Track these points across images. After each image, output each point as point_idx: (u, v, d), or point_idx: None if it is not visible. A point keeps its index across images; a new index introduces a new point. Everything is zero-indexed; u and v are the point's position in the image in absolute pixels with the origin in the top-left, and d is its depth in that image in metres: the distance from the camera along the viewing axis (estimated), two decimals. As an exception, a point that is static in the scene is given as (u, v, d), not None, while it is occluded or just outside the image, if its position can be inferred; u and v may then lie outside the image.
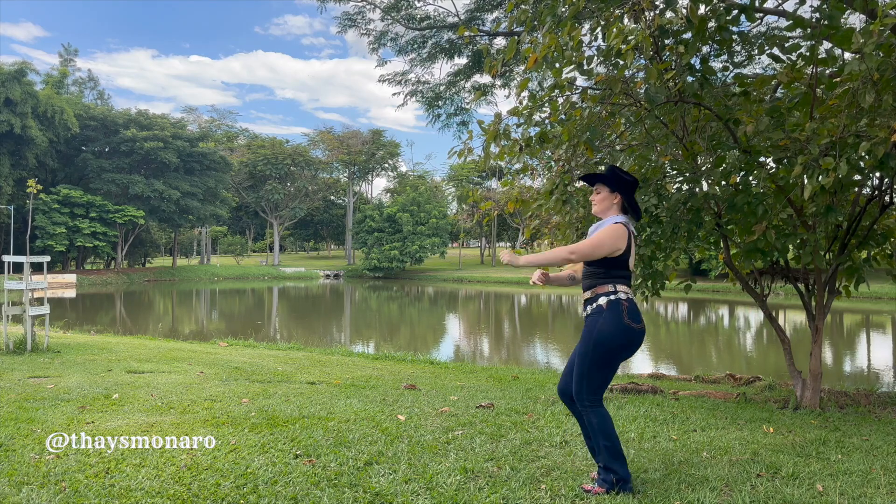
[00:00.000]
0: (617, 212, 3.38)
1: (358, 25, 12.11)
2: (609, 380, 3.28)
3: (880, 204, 5.53)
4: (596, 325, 3.20)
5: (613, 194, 3.38)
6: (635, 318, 3.19)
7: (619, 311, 3.17)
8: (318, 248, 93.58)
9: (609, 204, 3.38)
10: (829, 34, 4.42)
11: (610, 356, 3.20)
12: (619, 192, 3.37)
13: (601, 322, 3.19)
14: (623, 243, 3.22)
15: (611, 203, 3.38)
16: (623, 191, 3.36)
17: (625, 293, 3.23)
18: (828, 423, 5.06)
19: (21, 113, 40.01)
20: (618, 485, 3.19)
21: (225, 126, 68.96)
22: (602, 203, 3.40)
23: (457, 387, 6.92)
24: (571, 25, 4.48)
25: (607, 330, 3.16)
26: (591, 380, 3.21)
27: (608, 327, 3.17)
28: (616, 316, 3.17)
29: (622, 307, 3.18)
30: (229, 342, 12.64)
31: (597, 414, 3.22)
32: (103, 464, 3.51)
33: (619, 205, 3.38)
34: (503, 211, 6.78)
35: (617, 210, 3.38)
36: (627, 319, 3.16)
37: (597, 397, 3.24)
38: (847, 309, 26.56)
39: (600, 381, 3.23)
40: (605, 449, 3.21)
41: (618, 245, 3.21)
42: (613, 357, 3.22)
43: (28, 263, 8.48)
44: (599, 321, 3.19)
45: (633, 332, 3.18)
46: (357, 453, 3.78)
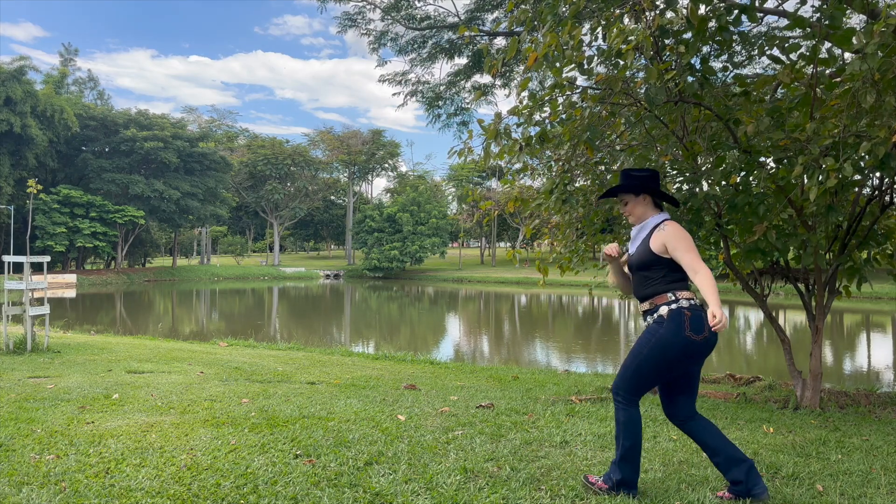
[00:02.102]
0: (654, 211, 3.29)
1: (358, 25, 12.11)
2: (653, 384, 3.17)
3: (881, 204, 5.53)
4: (655, 335, 3.06)
5: (640, 197, 3.29)
6: (698, 328, 2.99)
7: (681, 322, 3.01)
8: (318, 248, 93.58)
9: (643, 208, 3.29)
10: (829, 34, 4.42)
11: (662, 365, 3.07)
12: (644, 192, 3.28)
13: (661, 332, 3.04)
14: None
15: (644, 207, 3.29)
16: (647, 189, 3.26)
17: (686, 300, 3.07)
18: (828, 423, 5.06)
19: (21, 112, 40.00)
20: (619, 486, 3.16)
21: (225, 126, 68.99)
22: (635, 210, 3.30)
23: (457, 387, 6.92)
24: (572, 25, 4.48)
25: (666, 341, 3.03)
26: (634, 380, 3.12)
27: (667, 338, 3.02)
28: (677, 326, 3.01)
29: (684, 317, 3.02)
30: (229, 342, 12.64)
31: (627, 413, 3.14)
32: (103, 464, 3.50)
33: (652, 203, 3.29)
34: (503, 211, 6.78)
35: (653, 209, 3.29)
36: (689, 332, 2.99)
37: (634, 398, 3.15)
38: (847, 309, 26.56)
39: (644, 384, 3.13)
40: (622, 448, 3.15)
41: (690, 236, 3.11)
42: (666, 367, 3.08)
43: (28, 263, 8.48)
44: (660, 331, 3.05)
45: (696, 344, 3.00)
46: (357, 453, 3.78)
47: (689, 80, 4.62)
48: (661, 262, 3.12)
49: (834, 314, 23.24)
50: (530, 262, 31.08)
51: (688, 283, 3.16)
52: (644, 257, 3.17)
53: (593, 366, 12.96)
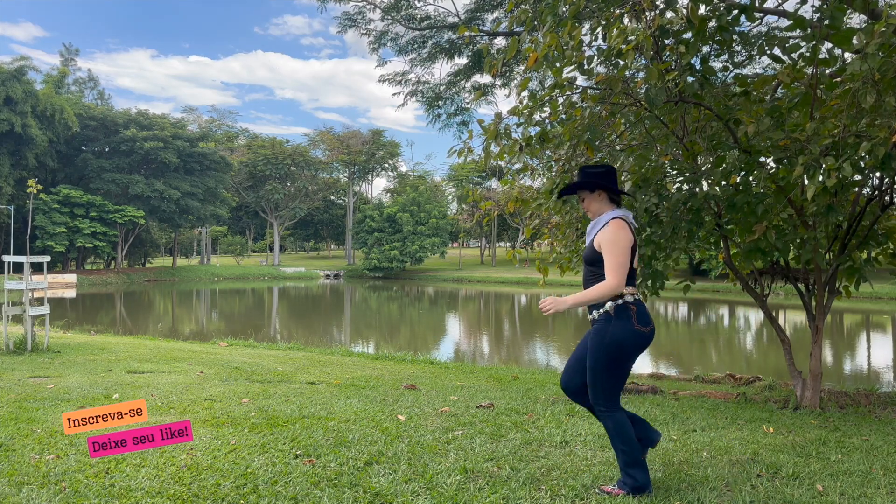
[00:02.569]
0: (609, 207, 3.33)
1: (358, 25, 12.11)
2: (623, 384, 3.21)
3: (881, 204, 5.53)
4: (606, 334, 3.10)
5: (595, 193, 3.33)
6: (645, 321, 3.11)
7: (629, 317, 3.09)
8: (319, 248, 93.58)
9: (598, 204, 3.34)
10: (829, 34, 4.42)
11: (621, 362, 3.13)
12: (599, 188, 3.31)
13: (611, 330, 3.09)
14: (630, 234, 3.14)
15: (599, 202, 3.33)
16: (602, 185, 3.30)
17: (632, 295, 3.14)
18: (828, 423, 5.06)
19: (21, 112, 39.99)
20: (636, 491, 3.15)
21: (225, 126, 68.95)
22: (591, 206, 3.35)
23: (457, 387, 6.92)
24: (572, 25, 4.48)
25: (619, 338, 3.08)
26: (606, 387, 3.15)
27: (620, 335, 3.08)
28: (626, 321, 3.09)
29: (631, 312, 3.10)
30: (229, 342, 12.64)
31: (613, 419, 3.16)
32: (103, 464, 3.50)
33: (607, 198, 3.33)
34: (503, 211, 6.78)
35: (609, 205, 3.33)
36: (638, 325, 3.09)
37: (613, 403, 3.17)
38: (847, 309, 26.56)
39: (614, 386, 3.16)
40: (622, 454, 3.17)
41: (630, 238, 3.12)
42: (625, 363, 3.14)
43: (28, 263, 8.48)
44: (609, 329, 3.10)
45: (644, 336, 3.11)
46: (357, 453, 3.78)
47: (689, 80, 4.62)
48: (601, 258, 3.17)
49: (834, 314, 23.24)
50: (530, 262, 31.06)
51: (634, 280, 3.20)
52: (589, 253, 3.24)
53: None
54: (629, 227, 3.18)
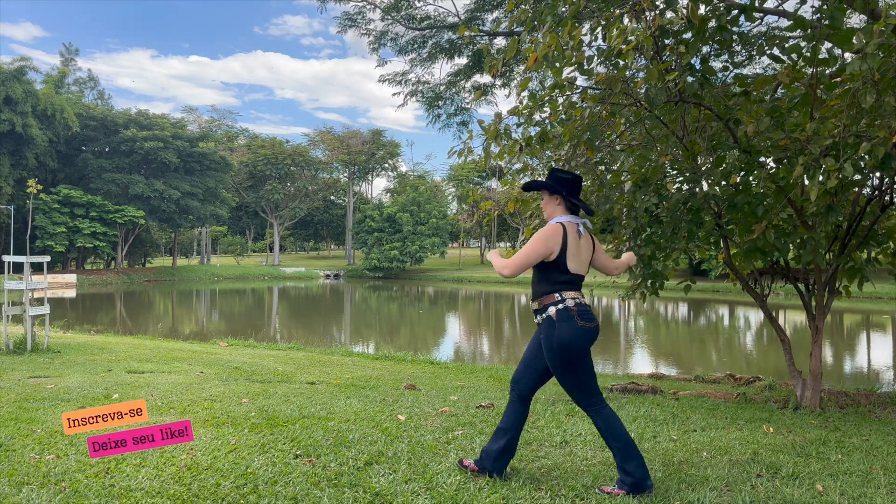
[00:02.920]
0: (562, 213, 3.32)
1: (358, 25, 12.11)
2: (591, 378, 3.23)
3: (881, 204, 5.53)
4: (553, 338, 3.15)
5: (554, 196, 3.34)
6: (587, 318, 3.17)
7: (571, 317, 3.14)
8: (319, 248, 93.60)
9: (553, 207, 3.35)
10: (829, 34, 4.42)
11: (578, 361, 3.16)
12: (558, 193, 3.32)
13: (556, 334, 3.14)
14: (556, 245, 3.16)
15: (554, 206, 3.34)
16: (563, 190, 3.30)
17: (572, 299, 3.18)
18: (828, 423, 5.06)
19: (21, 112, 39.99)
20: (634, 488, 3.13)
21: (225, 126, 68.95)
22: (546, 207, 3.38)
23: (457, 387, 6.92)
24: (572, 25, 4.48)
25: (566, 339, 3.12)
26: (574, 387, 3.21)
27: (566, 336, 3.12)
28: (569, 322, 3.13)
29: (571, 312, 3.15)
30: (229, 342, 12.64)
31: (600, 416, 3.20)
32: (103, 464, 3.50)
33: (563, 205, 3.33)
34: (503, 211, 6.78)
35: (562, 211, 3.33)
36: (581, 322, 3.14)
37: (593, 399, 3.21)
38: (847, 309, 26.56)
39: (583, 384, 3.20)
40: (616, 450, 3.18)
41: (549, 247, 3.15)
42: (580, 360, 3.17)
43: (28, 263, 8.48)
44: (554, 333, 3.15)
45: (590, 331, 3.17)
46: (357, 453, 3.78)
47: (689, 80, 4.62)
48: (546, 263, 3.20)
49: (834, 314, 23.24)
50: (530, 262, 30.85)
51: (575, 286, 3.23)
52: None
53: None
54: (564, 235, 3.18)
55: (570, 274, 3.20)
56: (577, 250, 3.23)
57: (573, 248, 3.21)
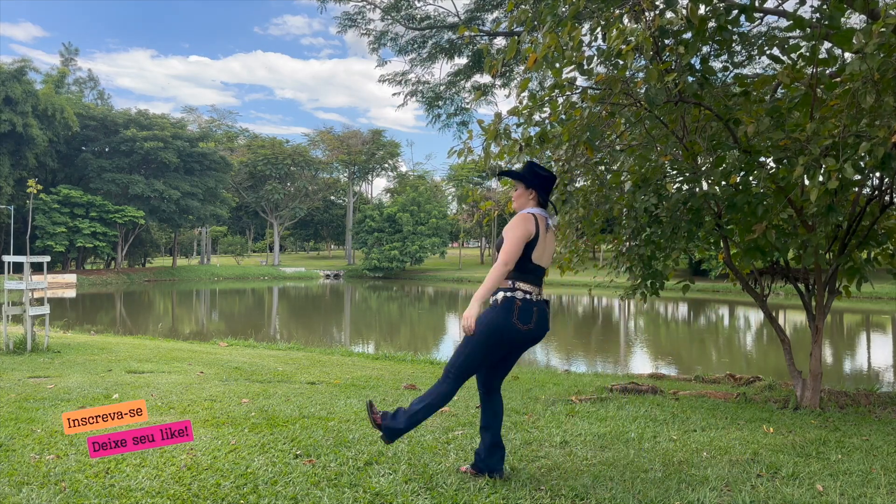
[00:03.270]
0: (533, 206, 3.38)
1: (358, 25, 12.11)
2: (479, 367, 3.28)
3: (880, 204, 5.53)
4: (486, 315, 3.16)
5: (529, 190, 3.39)
6: (525, 319, 3.15)
7: (510, 309, 3.14)
8: (319, 248, 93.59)
9: (525, 200, 3.40)
10: (829, 34, 4.42)
11: (486, 347, 3.17)
12: (533, 188, 3.38)
13: (490, 316, 3.15)
14: (532, 229, 3.20)
15: (527, 199, 3.40)
16: (538, 186, 3.37)
17: (523, 292, 3.19)
18: (828, 423, 5.06)
19: (22, 112, 39.98)
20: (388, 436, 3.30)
21: (225, 126, 68.95)
22: (518, 199, 3.43)
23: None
24: (571, 25, 4.48)
25: (493, 323, 3.14)
26: (461, 358, 3.22)
27: (495, 321, 3.14)
28: (505, 312, 3.14)
29: (514, 305, 3.15)
30: (229, 342, 12.64)
31: (447, 385, 3.25)
32: (103, 464, 3.50)
33: (536, 200, 3.39)
34: (503, 211, 6.78)
35: (534, 205, 3.39)
36: (515, 319, 3.14)
37: (457, 375, 3.24)
38: (847, 309, 26.56)
39: (468, 363, 3.22)
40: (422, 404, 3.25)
41: (528, 230, 3.19)
42: (490, 350, 3.19)
43: (28, 263, 8.48)
44: (490, 314, 3.16)
45: (519, 332, 3.16)
46: (357, 453, 3.78)
47: (689, 80, 4.62)
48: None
49: (834, 314, 23.24)
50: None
51: (534, 277, 3.24)
52: (498, 242, 3.32)
53: (593, 366, 12.97)
54: (536, 221, 3.23)
55: (531, 264, 3.23)
56: (544, 243, 3.29)
57: (541, 240, 3.27)
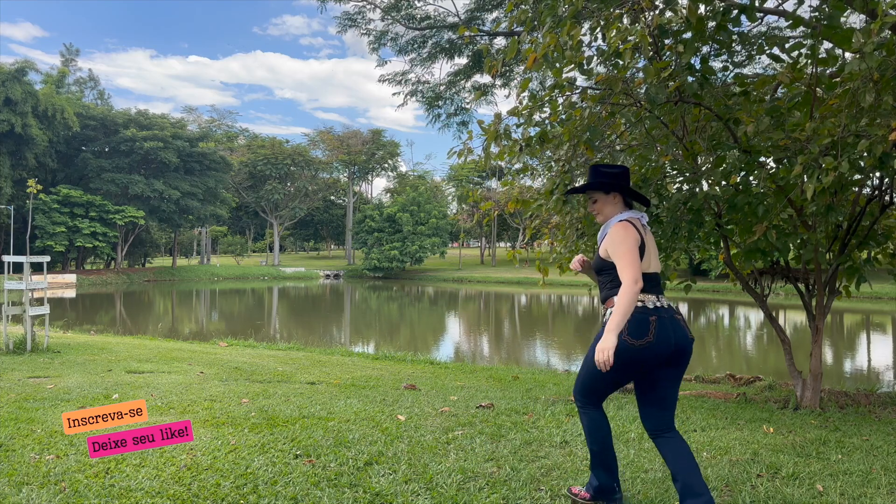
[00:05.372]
0: (622, 209, 3.09)
1: (358, 25, 12.11)
2: (604, 390, 2.98)
3: (880, 204, 5.53)
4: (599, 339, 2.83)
5: (610, 195, 3.09)
6: (638, 333, 2.77)
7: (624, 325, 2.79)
8: (318, 248, 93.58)
9: (612, 207, 3.10)
10: (829, 34, 4.42)
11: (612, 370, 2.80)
12: (614, 190, 3.07)
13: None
14: (636, 233, 2.90)
15: (612, 206, 3.09)
16: (618, 187, 3.07)
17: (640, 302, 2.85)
18: (828, 423, 5.06)
19: (21, 112, 39.99)
20: (598, 494, 3.01)
21: (225, 126, 68.97)
22: (604, 209, 3.11)
23: (457, 387, 6.92)
24: (571, 25, 4.48)
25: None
26: (586, 382, 2.97)
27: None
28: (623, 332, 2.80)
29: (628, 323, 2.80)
30: (229, 342, 12.64)
31: (586, 415, 3.02)
32: (103, 464, 3.50)
33: (622, 202, 3.10)
34: (503, 211, 6.78)
35: (621, 208, 3.10)
36: (626, 335, 2.76)
37: (588, 400, 3.00)
38: (847, 309, 26.56)
39: (595, 388, 2.96)
40: (591, 454, 3.03)
41: (635, 237, 2.87)
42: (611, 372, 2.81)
43: (28, 263, 8.48)
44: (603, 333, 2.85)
45: (634, 349, 2.76)
46: (357, 453, 3.78)
47: (689, 80, 4.62)
48: (609, 266, 2.95)
49: (834, 314, 23.24)
50: (530, 262, 31.05)
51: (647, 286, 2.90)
52: (597, 261, 3.07)
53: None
54: (636, 228, 2.94)
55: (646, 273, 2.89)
56: (651, 246, 2.97)
57: (649, 245, 2.96)
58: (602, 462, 3.00)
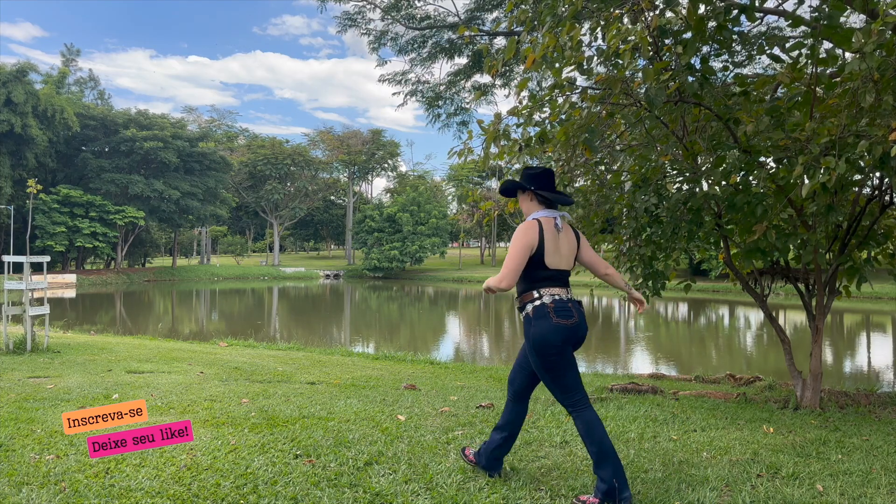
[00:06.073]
0: (538, 208, 3.30)
1: (358, 25, 12.11)
2: (574, 378, 3.15)
3: (880, 204, 5.53)
4: (529, 335, 3.13)
5: (526, 193, 3.33)
6: (565, 315, 3.10)
7: (546, 314, 3.09)
8: (318, 248, 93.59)
9: (527, 205, 3.33)
10: (829, 34, 4.41)
11: (553, 358, 3.09)
12: (529, 189, 3.29)
13: (532, 330, 3.11)
14: (534, 240, 3.12)
15: (528, 204, 3.33)
16: (533, 185, 3.28)
17: (550, 296, 3.14)
18: (828, 423, 5.06)
19: (22, 112, 40.00)
20: (606, 496, 3.00)
21: (225, 126, 68.96)
22: (522, 206, 3.36)
23: (457, 387, 6.92)
24: (571, 25, 4.48)
25: (540, 335, 3.08)
26: (555, 385, 3.14)
27: (540, 332, 3.08)
28: (544, 319, 3.09)
29: (548, 310, 3.10)
30: (229, 342, 12.64)
31: (580, 419, 3.12)
32: (103, 464, 3.50)
33: (536, 201, 3.31)
34: (503, 211, 6.78)
35: (537, 207, 3.30)
36: (557, 319, 3.08)
37: (573, 400, 3.13)
38: (847, 309, 26.56)
39: (563, 384, 3.13)
40: (593, 454, 3.09)
41: (528, 243, 3.10)
42: (557, 358, 3.09)
43: (28, 263, 8.48)
44: (531, 329, 3.12)
45: (567, 328, 3.09)
46: (357, 453, 3.78)
47: (689, 80, 4.62)
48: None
49: (834, 314, 23.24)
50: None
51: (556, 281, 3.19)
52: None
53: (593, 366, 12.96)
54: (539, 229, 3.14)
55: (548, 270, 3.16)
56: (556, 245, 3.19)
57: (550, 243, 3.17)
58: (604, 461, 3.05)
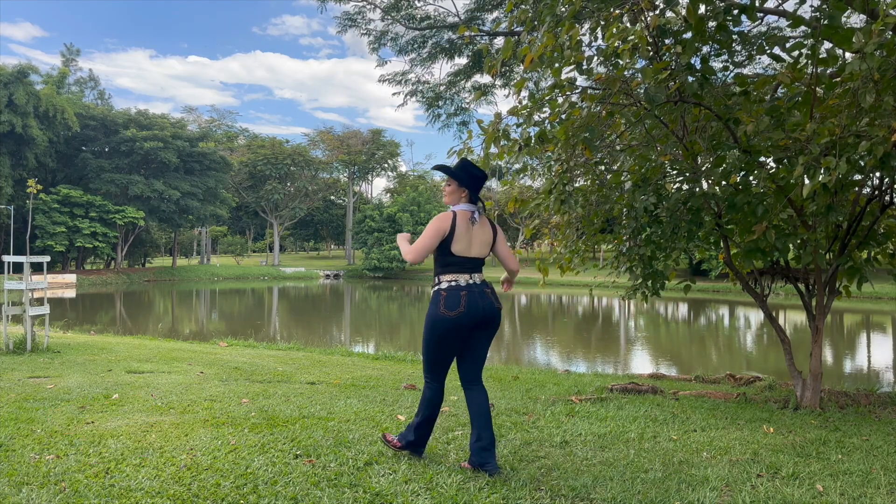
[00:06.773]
0: (460, 202, 3.56)
1: (358, 25, 12.10)
2: (440, 362, 3.51)
3: (881, 204, 5.53)
4: (427, 314, 3.49)
5: (461, 189, 3.56)
6: (451, 305, 3.37)
7: (437, 302, 3.42)
8: (318, 248, 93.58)
9: (457, 197, 3.58)
10: (829, 34, 4.41)
11: (434, 341, 3.44)
12: (465, 187, 3.55)
13: (428, 311, 3.47)
14: (446, 229, 3.40)
15: (456, 197, 3.58)
16: (470, 186, 3.55)
17: (447, 282, 3.43)
18: (828, 423, 5.06)
19: (22, 112, 40.00)
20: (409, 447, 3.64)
21: (225, 126, 68.96)
22: (451, 195, 3.59)
23: (457, 387, 6.91)
24: (570, 25, 4.48)
25: (429, 318, 3.44)
26: (425, 358, 3.53)
27: (429, 316, 3.44)
28: (434, 306, 3.43)
29: (440, 297, 3.41)
30: (229, 342, 12.64)
31: (429, 389, 3.57)
32: (103, 464, 3.50)
33: (467, 198, 3.56)
34: (503, 211, 6.78)
35: (462, 202, 3.56)
36: (443, 309, 3.38)
37: (433, 376, 3.55)
38: (847, 309, 26.56)
39: (431, 361, 3.51)
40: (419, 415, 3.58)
41: (440, 229, 3.39)
42: (439, 343, 3.44)
43: (28, 263, 8.48)
44: (429, 310, 3.47)
45: (449, 319, 3.37)
46: (357, 453, 3.78)
47: (689, 80, 4.62)
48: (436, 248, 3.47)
49: (834, 314, 23.24)
50: (530, 262, 31.04)
51: (458, 268, 3.46)
52: None
53: (593, 366, 12.97)
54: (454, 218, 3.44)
55: (454, 257, 3.44)
56: (467, 235, 3.46)
57: (461, 233, 3.44)
58: (424, 426, 3.60)
